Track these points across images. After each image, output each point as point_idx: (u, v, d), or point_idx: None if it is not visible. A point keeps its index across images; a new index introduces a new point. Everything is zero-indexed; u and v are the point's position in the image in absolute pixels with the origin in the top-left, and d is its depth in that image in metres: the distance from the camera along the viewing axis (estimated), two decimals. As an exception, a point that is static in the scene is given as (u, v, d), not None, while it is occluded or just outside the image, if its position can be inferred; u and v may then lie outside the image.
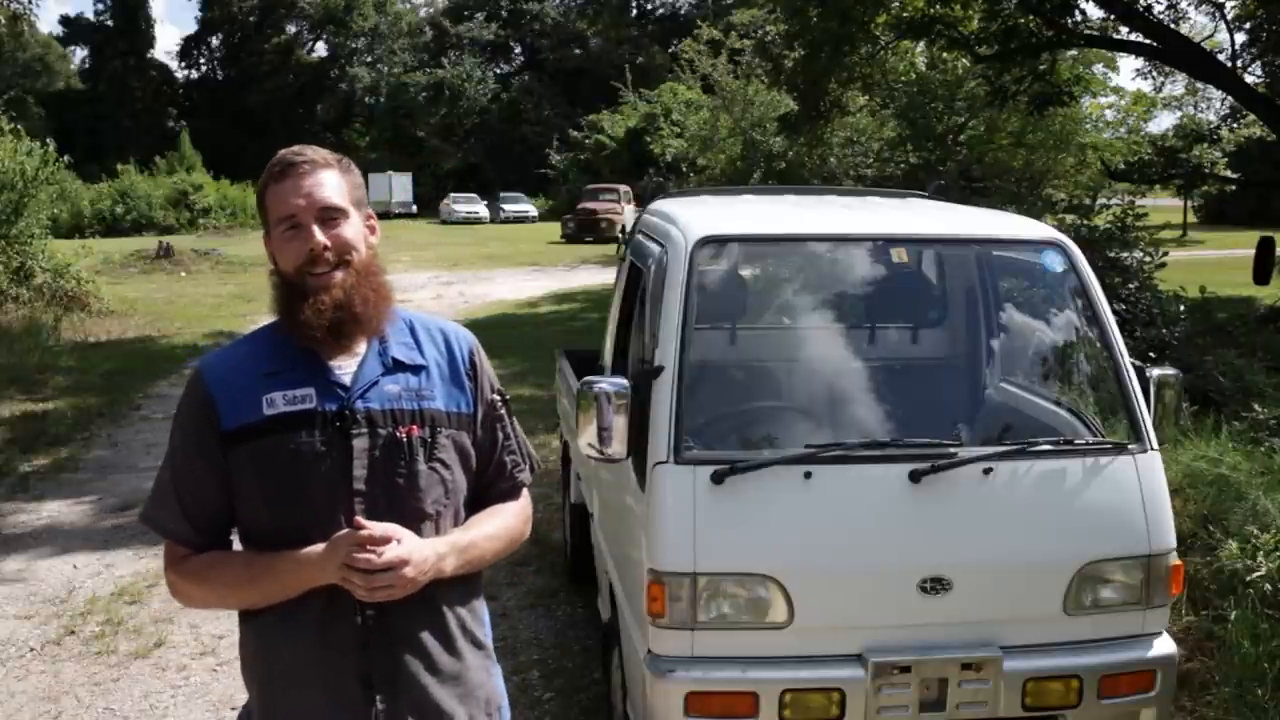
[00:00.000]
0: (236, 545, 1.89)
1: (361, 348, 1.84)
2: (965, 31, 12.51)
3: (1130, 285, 7.65)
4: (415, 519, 1.80)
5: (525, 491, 2.04)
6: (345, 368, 1.82)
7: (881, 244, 3.66)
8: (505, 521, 1.95)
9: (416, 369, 1.86)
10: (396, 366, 1.85)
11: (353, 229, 1.83)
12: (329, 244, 1.79)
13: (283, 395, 1.78)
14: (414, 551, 1.71)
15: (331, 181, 1.82)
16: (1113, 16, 12.01)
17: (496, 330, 12.62)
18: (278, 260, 1.83)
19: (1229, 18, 13.25)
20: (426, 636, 1.83)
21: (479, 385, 1.93)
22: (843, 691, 2.81)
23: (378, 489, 1.78)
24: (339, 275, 1.79)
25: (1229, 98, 15.39)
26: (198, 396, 1.83)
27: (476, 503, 1.94)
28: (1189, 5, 16.81)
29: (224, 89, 62.59)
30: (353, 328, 1.81)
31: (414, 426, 1.82)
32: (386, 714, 1.80)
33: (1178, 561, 3.03)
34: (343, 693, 1.79)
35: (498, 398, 1.96)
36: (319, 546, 1.73)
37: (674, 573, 2.83)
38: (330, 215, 1.80)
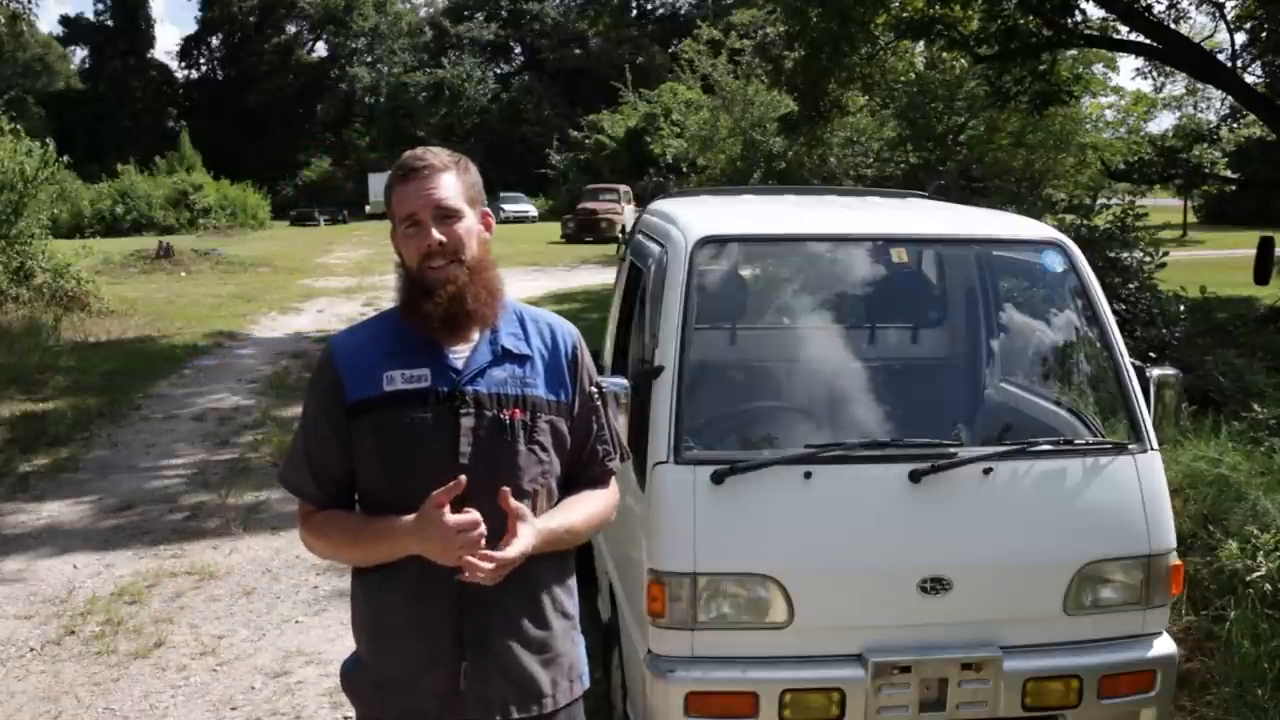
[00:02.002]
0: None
1: (474, 336, 2.01)
2: (965, 32, 12.50)
3: (1130, 285, 7.65)
4: (513, 495, 1.92)
5: (614, 478, 2.19)
6: (459, 353, 1.99)
7: (881, 244, 3.65)
8: (592, 507, 2.09)
9: (522, 358, 2.03)
10: (505, 355, 2.01)
11: (466, 227, 1.98)
12: (444, 240, 1.94)
13: (401, 374, 1.96)
14: (513, 547, 1.85)
15: (449, 183, 1.97)
16: (1113, 16, 12.00)
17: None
18: (403, 255, 1.99)
19: (1229, 18, 13.24)
20: (517, 605, 1.99)
21: (578, 377, 2.08)
22: (843, 691, 2.81)
23: (481, 465, 1.93)
24: (454, 271, 1.95)
25: (1229, 98, 15.38)
26: (327, 371, 2.02)
27: (569, 484, 2.09)
28: (1189, 5, 16.81)
29: (224, 89, 62.71)
30: (465, 321, 1.97)
31: (516, 410, 1.98)
32: (473, 671, 1.96)
33: (1178, 561, 3.03)
34: (436, 649, 1.95)
35: (595, 389, 2.12)
36: (416, 515, 1.86)
37: (674, 573, 2.83)
38: (446, 214, 1.96)
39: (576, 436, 2.07)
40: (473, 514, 1.83)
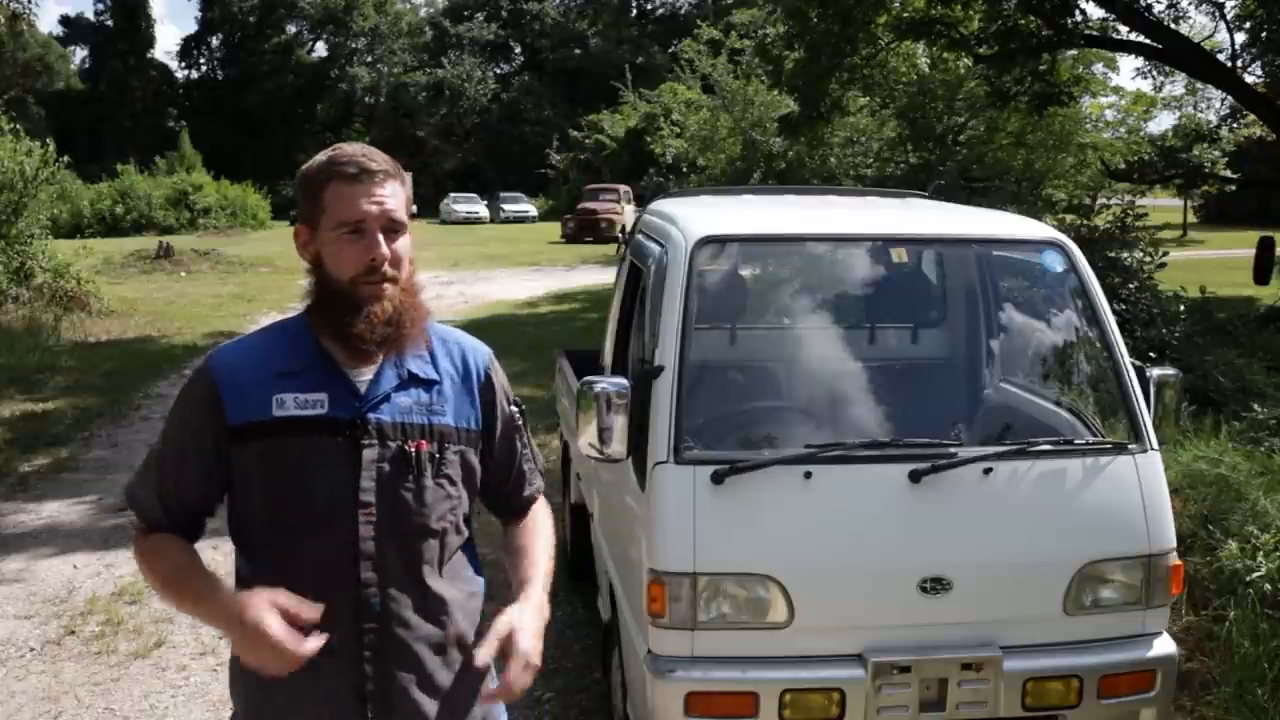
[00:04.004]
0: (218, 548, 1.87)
1: (378, 358, 1.81)
2: (965, 32, 12.50)
3: (1130, 285, 7.65)
4: (420, 535, 1.80)
5: (542, 496, 2.08)
6: (361, 376, 1.80)
7: (881, 244, 3.66)
8: (550, 544, 2.00)
9: (430, 383, 1.84)
10: (411, 379, 1.82)
11: (406, 244, 1.80)
12: (390, 256, 1.76)
13: (294, 398, 1.75)
14: (530, 651, 1.73)
15: (398, 193, 1.79)
16: (1113, 16, 12.00)
17: (496, 330, 12.61)
18: (328, 263, 1.77)
19: (1229, 18, 13.25)
20: (426, 653, 1.82)
21: (493, 402, 1.93)
22: (843, 691, 2.81)
23: (384, 502, 1.77)
24: (389, 289, 1.76)
25: (1229, 98, 15.37)
26: (201, 387, 1.80)
27: (500, 509, 2.01)
28: (1189, 5, 16.81)
29: (224, 89, 62.62)
30: (398, 344, 1.79)
31: (423, 441, 1.80)
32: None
33: (1178, 561, 3.04)
34: (337, 707, 1.77)
35: (515, 409, 1.98)
36: (239, 601, 1.66)
37: (674, 573, 2.83)
38: (394, 227, 1.77)
39: (501, 460, 1.95)
40: (308, 612, 1.63)
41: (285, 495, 1.75)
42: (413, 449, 1.79)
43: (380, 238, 1.75)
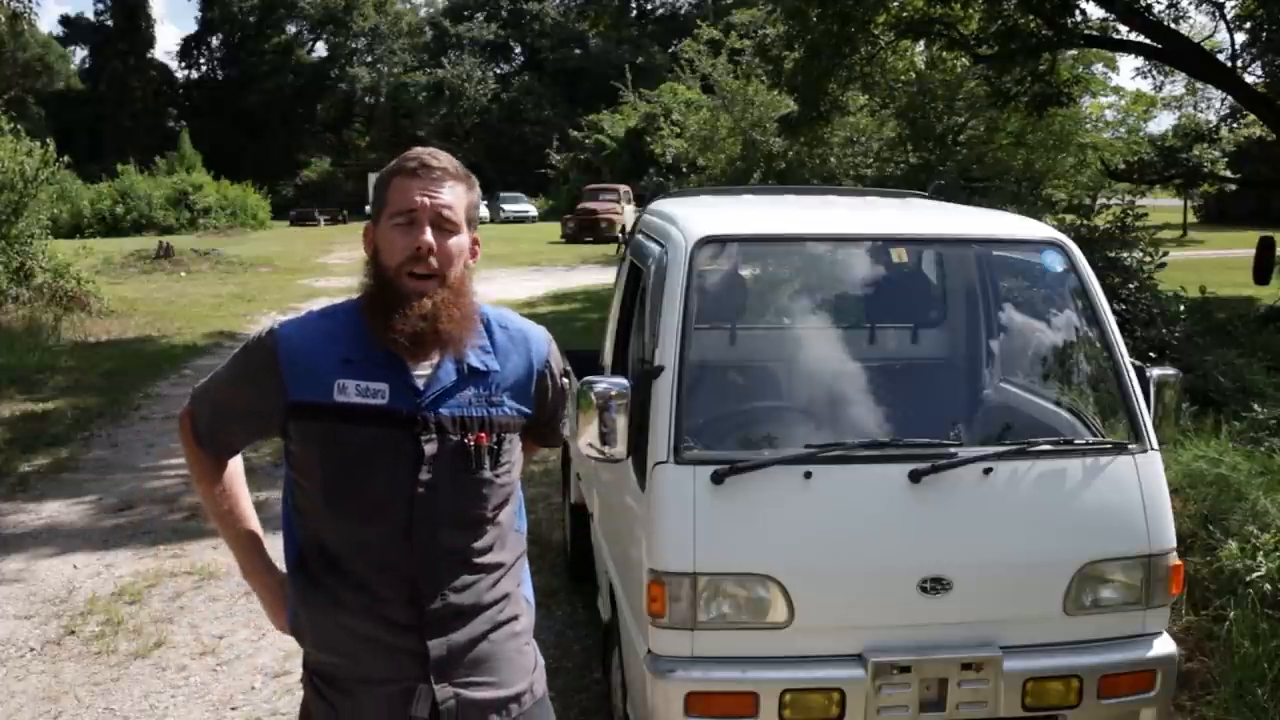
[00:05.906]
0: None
1: (437, 353, 1.86)
2: (965, 32, 12.49)
3: (1130, 285, 7.65)
4: (476, 524, 1.87)
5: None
6: (421, 369, 1.85)
7: (881, 244, 3.65)
8: None
9: (489, 374, 1.90)
10: (471, 372, 1.88)
11: (459, 244, 1.86)
12: (434, 246, 1.81)
13: (355, 385, 1.81)
14: None
15: (456, 193, 1.86)
16: (1113, 16, 11.99)
17: (496, 330, 12.58)
18: (381, 252, 1.85)
19: (1229, 18, 13.24)
20: (478, 621, 1.89)
21: (548, 388, 2.02)
22: (843, 691, 2.81)
23: (439, 495, 1.82)
24: (433, 287, 1.82)
25: (1229, 98, 15.37)
26: (265, 358, 1.87)
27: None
28: (1189, 5, 16.81)
29: (224, 89, 62.71)
30: (433, 341, 1.82)
31: (482, 434, 1.85)
32: (439, 679, 1.85)
33: (1178, 561, 3.03)
34: (402, 669, 1.85)
35: (564, 382, 2.08)
36: (274, 593, 2.03)
37: (674, 573, 2.83)
38: (445, 223, 1.83)
39: (543, 420, 2.04)
40: None
41: (343, 480, 1.81)
42: (471, 442, 1.84)
43: (428, 228, 1.81)
